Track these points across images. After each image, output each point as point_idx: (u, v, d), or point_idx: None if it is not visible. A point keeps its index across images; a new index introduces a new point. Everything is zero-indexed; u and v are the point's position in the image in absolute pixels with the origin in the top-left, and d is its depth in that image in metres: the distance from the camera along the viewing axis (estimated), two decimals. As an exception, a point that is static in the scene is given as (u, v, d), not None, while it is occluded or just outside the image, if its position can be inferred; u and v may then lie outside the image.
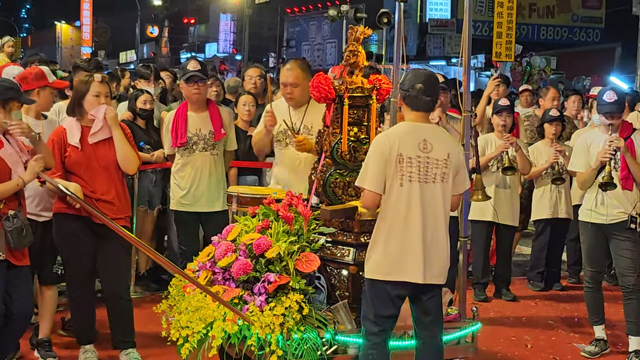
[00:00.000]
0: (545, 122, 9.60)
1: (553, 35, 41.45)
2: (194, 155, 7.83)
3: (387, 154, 5.38)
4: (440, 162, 5.43)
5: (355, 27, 6.27)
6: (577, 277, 10.26)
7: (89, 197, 6.51)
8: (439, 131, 5.74)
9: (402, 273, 5.38)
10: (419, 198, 5.37)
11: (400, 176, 5.37)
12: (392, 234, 5.40)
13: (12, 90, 6.05)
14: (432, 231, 5.41)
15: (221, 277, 5.89)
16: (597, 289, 7.63)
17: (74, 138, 6.58)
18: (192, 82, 7.79)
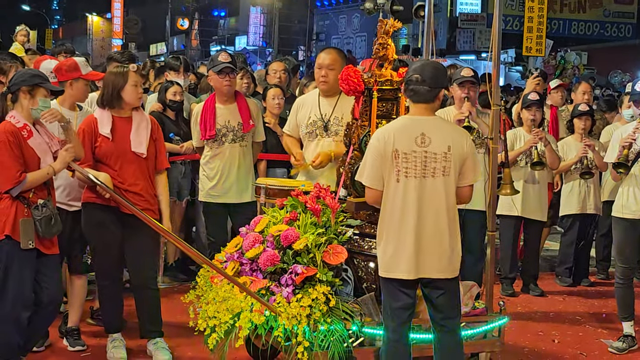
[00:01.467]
0: (574, 116, 9.55)
1: (584, 30, 41.17)
2: (223, 147, 7.86)
3: (382, 150, 5.34)
4: (440, 156, 5.32)
5: (384, 20, 6.26)
6: (605, 273, 10.22)
7: (118, 188, 6.55)
8: (439, 123, 5.56)
9: (397, 270, 5.36)
10: (415, 194, 5.30)
11: (396, 172, 5.32)
12: (390, 231, 5.38)
13: (38, 77, 6.10)
14: (432, 226, 5.33)
15: (249, 268, 5.92)
16: (629, 285, 7.58)
17: (105, 128, 6.61)
18: (224, 73, 7.82)
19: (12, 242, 5.92)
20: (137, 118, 6.79)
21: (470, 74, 8.04)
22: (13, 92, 6.06)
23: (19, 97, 6.04)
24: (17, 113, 6.02)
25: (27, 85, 6.02)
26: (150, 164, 6.80)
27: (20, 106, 6.04)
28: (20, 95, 6.03)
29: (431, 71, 5.41)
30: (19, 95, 6.03)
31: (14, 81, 6.10)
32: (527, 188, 9.03)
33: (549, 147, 8.96)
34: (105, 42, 60.70)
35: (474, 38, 39.67)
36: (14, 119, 5.98)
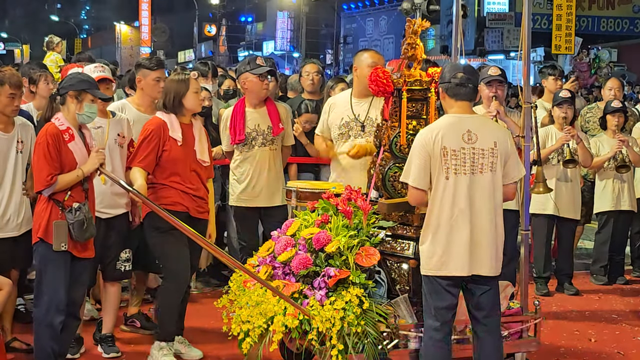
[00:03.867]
0: (607, 113, 9.47)
1: (614, 27, 40.93)
2: (253, 151, 7.84)
3: (430, 148, 5.34)
4: (487, 152, 5.36)
5: (413, 19, 6.23)
6: (641, 271, 10.13)
7: (187, 194, 6.65)
8: (483, 120, 5.68)
9: (449, 267, 5.35)
10: (466, 190, 5.32)
11: (445, 169, 5.33)
12: (439, 229, 5.37)
13: (86, 83, 6.13)
14: (481, 222, 5.36)
15: (281, 272, 5.89)
16: None
17: (177, 132, 6.66)
18: (264, 77, 7.84)
19: (45, 244, 5.97)
20: (197, 126, 6.89)
21: (497, 73, 7.98)
22: (62, 94, 6.11)
23: (66, 100, 6.10)
24: (63, 116, 6.09)
25: (74, 90, 6.07)
26: (207, 172, 6.92)
27: (67, 109, 6.10)
28: (67, 98, 6.09)
29: (473, 71, 5.57)
30: (67, 99, 6.09)
31: (63, 84, 6.16)
32: (559, 186, 8.96)
33: (581, 144, 8.89)
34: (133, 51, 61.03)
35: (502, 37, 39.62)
36: (59, 121, 6.05)
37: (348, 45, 50.42)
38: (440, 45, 39.06)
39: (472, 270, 5.34)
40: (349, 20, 50.99)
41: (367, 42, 48.59)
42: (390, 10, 45.81)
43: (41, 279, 6.05)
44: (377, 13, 48.06)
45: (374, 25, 48.37)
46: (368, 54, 7.24)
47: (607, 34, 40.43)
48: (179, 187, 6.63)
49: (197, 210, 6.71)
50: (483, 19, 39.83)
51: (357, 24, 49.95)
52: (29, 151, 6.70)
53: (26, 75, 8.11)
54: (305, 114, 8.64)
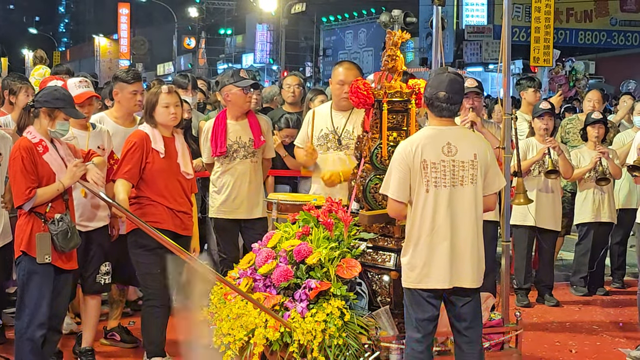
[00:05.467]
0: (588, 124, 9.51)
1: (591, 39, 41.26)
2: (234, 163, 7.82)
3: (410, 161, 5.32)
4: (467, 164, 5.35)
5: (393, 31, 6.24)
6: (621, 282, 10.15)
7: (172, 210, 6.62)
8: (463, 132, 5.67)
9: (430, 280, 5.33)
10: (446, 203, 5.31)
11: (425, 182, 5.31)
12: (420, 241, 5.35)
13: (60, 101, 6.10)
14: (462, 235, 5.35)
15: (262, 284, 5.89)
16: None
17: (159, 144, 6.64)
18: (248, 90, 7.83)
19: (29, 257, 5.95)
20: (180, 139, 6.87)
21: (474, 85, 8.04)
22: (36, 108, 6.09)
23: (39, 114, 6.07)
24: (34, 129, 6.07)
25: (48, 107, 6.05)
26: (191, 185, 6.89)
27: (39, 123, 6.09)
28: (40, 113, 6.07)
29: (457, 86, 5.47)
30: (40, 114, 6.07)
31: (39, 98, 6.15)
32: (540, 197, 8.98)
33: (563, 155, 8.92)
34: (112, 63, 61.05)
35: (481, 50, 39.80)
36: (31, 135, 6.04)
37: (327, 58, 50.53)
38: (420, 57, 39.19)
39: (453, 283, 5.33)
40: (328, 33, 51.12)
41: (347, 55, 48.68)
42: (369, 22, 45.97)
43: (24, 292, 6.02)
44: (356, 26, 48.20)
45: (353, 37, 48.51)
46: (341, 68, 7.19)
47: (585, 47, 40.70)
48: (165, 204, 6.59)
49: (181, 227, 6.69)
50: (462, 32, 40.01)
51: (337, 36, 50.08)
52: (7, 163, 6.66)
53: (7, 87, 8.07)
54: (285, 128, 8.63)
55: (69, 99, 6.24)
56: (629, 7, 41.19)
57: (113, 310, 7.62)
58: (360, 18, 47.21)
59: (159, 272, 6.58)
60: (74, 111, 6.24)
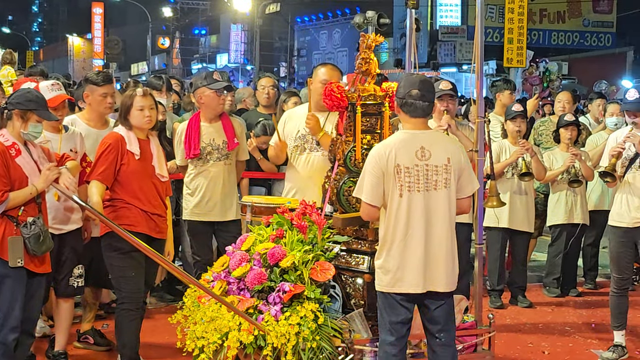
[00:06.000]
0: (560, 127, 9.55)
1: (564, 40, 41.53)
2: (207, 165, 7.81)
3: (383, 165, 5.33)
4: (441, 168, 5.36)
5: (367, 34, 6.25)
6: (593, 283, 10.20)
7: (146, 213, 6.58)
8: (437, 136, 5.68)
9: (404, 284, 5.35)
10: (419, 207, 5.31)
11: (399, 187, 5.31)
12: (394, 245, 5.36)
13: (33, 103, 6.07)
14: (436, 239, 5.36)
15: (236, 287, 5.89)
16: (623, 295, 7.54)
17: (134, 146, 6.60)
18: (221, 92, 7.81)
19: (1, 261, 5.90)
20: (155, 142, 6.84)
21: (448, 87, 8.04)
22: (9, 110, 6.06)
23: (12, 117, 6.04)
24: (7, 132, 6.04)
25: (20, 109, 6.02)
26: (166, 188, 6.86)
27: (12, 126, 6.06)
28: (13, 116, 6.04)
29: (429, 86, 5.49)
30: (12, 116, 6.04)
31: (11, 100, 6.12)
32: (514, 199, 9.02)
33: (536, 157, 8.96)
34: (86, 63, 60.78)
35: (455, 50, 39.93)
36: (3, 137, 6.00)
37: (302, 58, 50.55)
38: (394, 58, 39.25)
39: (427, 287, 5.34)
40: (302, 33, 51.11)
41: (321, 55, 48.74)
42: (343, 23, 46.00)
43: (-4, 296, 5.97)
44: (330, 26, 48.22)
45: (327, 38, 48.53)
46: (325, 69, 7.21)
47: (558, 47, 40.96)
48: (139, 206, 6.56)
49: (155, 230, 6.66)
50: (436, 32, 40.12)
51: (311, 36, 50.09)
52: None
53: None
54: (263, 135, 8.63)
55: (42, 100, 6.21)
56: (601, 9, 41.50)
57: (86, 313, 7.58)
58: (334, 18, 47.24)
59: (133, 275, 6.55)
60: (47, 113, 6.21)
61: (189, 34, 58.33)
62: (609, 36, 41.81)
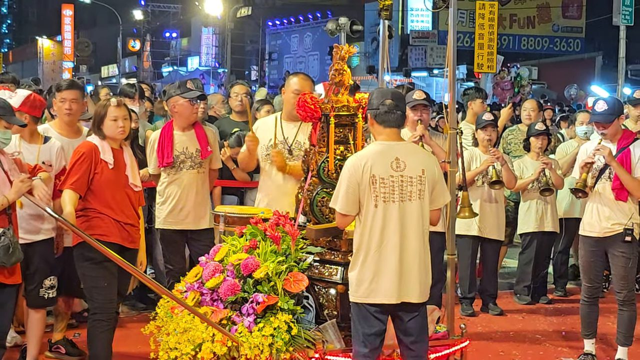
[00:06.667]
0: (531, 135, 9.62)
1: (534, 45, 41.80)
2: (180, 174, 7.80)
3: (359, 176, 5.36)
4: (415, 179, 5.40)
5: (340, 45, 6.26)
6: (563, 290, 10.28)
7: (119, 223, 6.54)
8: (411, 147, 5.75)
9: (378, 295, 5.38)
10: (394, 218, 5.36)
11: (374, 197, 5.36)
12: (369, 256, 5.39)
13: (1, 109, 6.05)
14: (410, 250, 5.40)
15: (209, 298, 5.88)
16: (594, 303, 7.61)
17: (108, 155, 6.57)
18: (195, 101, 7.81)
19: None
20: (128, 151, 6.82)
21: (422, 97, 8.08)
22: None
23: None
24: None
25: None
26: (139, 197, 6.83)
27: None
28: None
29: (400, 95, 5.63)
30: None
31: None
32: (484, 207, 9.07)
33: (506, 166, 9.02)
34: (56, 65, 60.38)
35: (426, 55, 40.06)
36: None
37: (273, 62, 50.52)
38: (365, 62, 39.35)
39: (400, 298, 5.38)
40: (274, 37, 51.09)
41: (292, 59, 48.75)
42: (315, 27, 46.04)
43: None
44: (301, 30, 48.23)
45: (298, 41, 48.53)
46: (297, 78, 7.22)
47: (528, 52, 41.21)
48: (112, 216, 6.53)
49: (128, 240, 6.64)
50: (407, 37, 40.25)
51: (282, 40, 50.08)
52: None
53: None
54: (237, 147, 8.63)
55: (9, 106, 6.20)
56: (570, 14, 41.81)
57: (58, 323, 7.54)
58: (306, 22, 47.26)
59: (105, 286, 6.52)
60: (15, 119, 6.19)
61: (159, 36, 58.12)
62: (578, 41, 42.13)
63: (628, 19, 26.14)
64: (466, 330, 6.28)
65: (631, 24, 26.30)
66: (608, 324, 8.37)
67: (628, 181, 7.17)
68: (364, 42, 40.10)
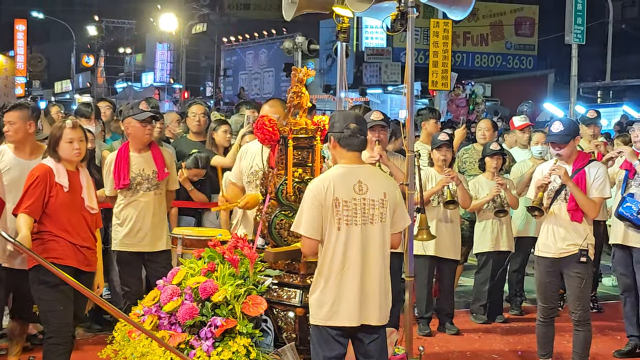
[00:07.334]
0: (486, 155, 9.69)
1: (487, 62, 42.13)
2: (137, 196, 7.77)
3: (322, 199, 5.38)
4: (377, 203, 5.45)
5: (298, 68, 6.28)
6: (519, 309, 10.33)
7: (75, 246, 6.48)
8: (373, 171, 5.80)
9: (339, 317, 5.40)
10: (357, 241, 5.39)
11: (337, 220, 5.38)
12: (330, 279, 5.41)
13: None
14: (372, 273, 5.43)
15: (167, 322, 5.84)
16: (550, 323, 7.67)
17: (63, 178, 6.51)
18: (147, 122, 7.77)
19: None
20: (84, 173, 6.76)
21: (380, 117, 8.12)
22: None
23: None
24: None
25: None
26: (95, 220, 6.77)
27: None
28: None
29: (362, 119, 5.67)
30: None
31: None
32: (440, 227, 9.09)
33: (461, 186, 9.06)
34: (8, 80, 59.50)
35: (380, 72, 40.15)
36: None
37: (228, 78, 50.40)
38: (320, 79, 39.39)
39: (361, 320, 5.40)
40: (229, 53, 51.00)
41: (247, 75, 48.66)
42: (270, 43, 46.04)
43: None
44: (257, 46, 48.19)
45: (254, 58, 48.47)
46: (267, 106, 7.18)
47: (481, 70, 41.52)
48: (68, 239, 6.48)
49: (84, 263, 6.58)
50: (362, 54, 40.35)
51: (238, 56, 50.00)
52: None
53: None
54: (194, 169, 8.59)
55: None
56: (523, 32, 42.21)
57: (13, 346, 7.45)
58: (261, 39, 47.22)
59: (61, 309, 6.46)
60: None
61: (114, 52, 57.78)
62: (530, 59, 42.53)
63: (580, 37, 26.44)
64: (424, 352, 6.31)
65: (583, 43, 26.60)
66: (563, 342, 8.43)
67: (583, 202, 7.25)
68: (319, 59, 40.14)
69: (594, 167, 7.41)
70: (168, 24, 48.19)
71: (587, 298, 7.61)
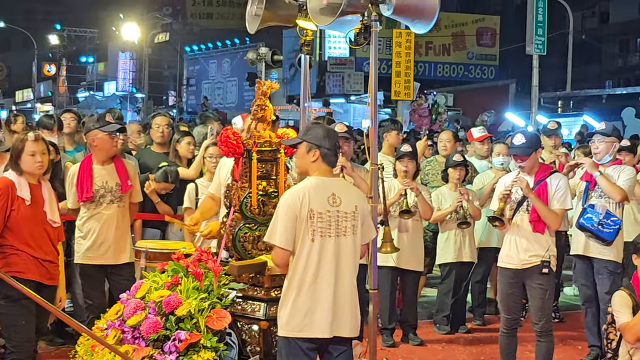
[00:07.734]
0: (449, 167, 9.74)
1: (450, 72, 42.42)
2: (100, 208, 7.72)
3: (297, 210, 5.41)
4: (349, 215, 5.51)
5: (262, 81, 6.30)
6: (482, 319, 10.37)
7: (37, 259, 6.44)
8: (345, 184, 5.89)
9: (313, 329, 5.42)
10: (330, 253, 5.44)
11: (311, 232, 5.41)
12: (303, 290, 5.43)
13: None
14: (344, 285, 5.49)
15: (131, 336, 5.82)
16: (512, 334, 7.70)
17: (25, 191, 6.47)
18: (114, 135, 7.74)
19: None
20: (47, 186, 6.74)
21: (343, 130, 8.19)
22: None
23: None
24: None
25: None
26: (58, 233, 6.74)
27: None
28: None
29: (335, 137, 5.72)
30: None
31: None
32: (401, 238, 9.08)
33: (421, 196, 9.07)
34: (-32, 90, 59.16)
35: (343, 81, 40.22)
36: None
37: (191, 87, 50.34)
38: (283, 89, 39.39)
39: (334, 332, 5.44)
40: (192, 62, 50.95)
41: (210, 84, 48.63)
42: (233, 53, 46.03)
43: None
44: (220, 56, 48.18)
45: (217, 67, 48.45)
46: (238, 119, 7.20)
47: (444, 79, 41.79)
48: (30, 253, 6.44)
49: (47, 277, 6.54)
50: (324, 63, 40.43)
51: (200, 66, 49.95)
52: None
53: None
54: (164, 182, 8.56)
55: None
56: (484, 42, 42.56)
57: (-26, 361, 7.40)
58: (224, 48, 47.22)
59: (23, 324, 6.42)
60: None
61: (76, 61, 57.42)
62: (492, 69, 42.89)
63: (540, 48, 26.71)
64: (389, 364, 6.32)
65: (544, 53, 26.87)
66: (526, 352, 8.48)
67: (545, 213, 7.31)
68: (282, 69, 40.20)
69: (555, 179, 7.47)
70: (130, 33, 48.06)
71: (550, 309, 7.67)
